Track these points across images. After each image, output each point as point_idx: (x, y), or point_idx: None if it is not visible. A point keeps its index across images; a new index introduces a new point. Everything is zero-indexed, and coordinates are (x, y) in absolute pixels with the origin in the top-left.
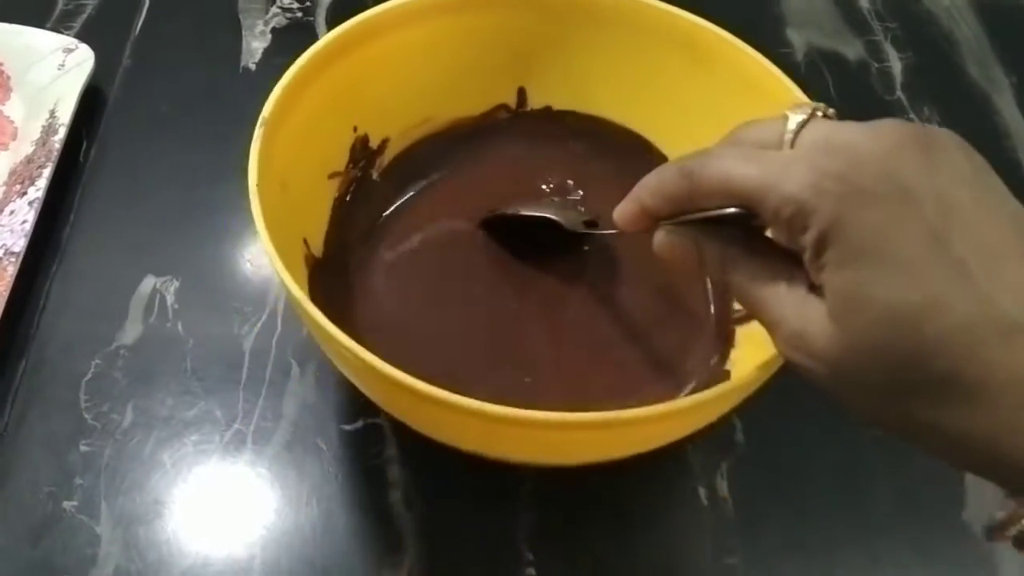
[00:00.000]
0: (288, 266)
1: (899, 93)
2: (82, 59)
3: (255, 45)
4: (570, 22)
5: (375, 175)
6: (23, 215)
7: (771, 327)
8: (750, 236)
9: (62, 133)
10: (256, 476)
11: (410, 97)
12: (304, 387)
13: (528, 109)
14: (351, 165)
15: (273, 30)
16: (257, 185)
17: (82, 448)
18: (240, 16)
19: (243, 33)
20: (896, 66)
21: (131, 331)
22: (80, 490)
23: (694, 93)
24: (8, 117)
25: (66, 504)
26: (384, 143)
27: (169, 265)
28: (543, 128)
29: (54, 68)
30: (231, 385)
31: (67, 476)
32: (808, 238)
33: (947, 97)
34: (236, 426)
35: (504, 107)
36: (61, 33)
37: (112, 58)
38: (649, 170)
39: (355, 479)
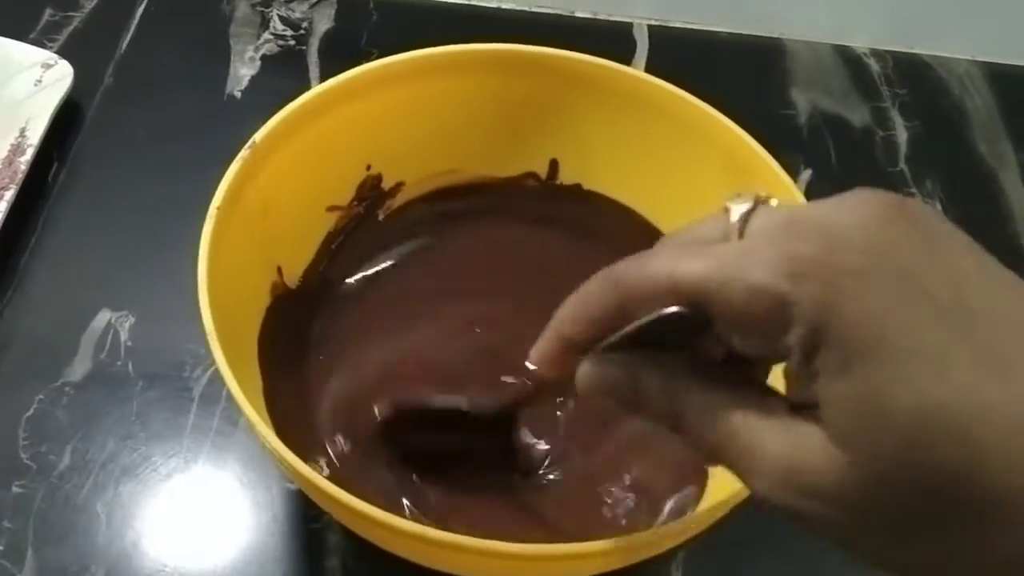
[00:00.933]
0: (246, 297)
1: (902, 165)
2: (60, 76)
3: (243, 72)
4: (609, 102)
5: (381, 216)
6: None
7: (745, 468)
8: (698, 360)
9: (29, 154)
10: (194, 528)
11: (435, 145)
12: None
13: (558, 182)
14: (355, 202)
15: (263, 57)
16: (218, 208)
17: (14, 489)
18: (231, 40)
19: (232, 58)
20: (902, 135)
21: (79, 367)
22: (7, 534)
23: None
24: None
25: None
26: (398, 186)
27: (127, 300)
28: (565, 206)
29: (30, 84)
30: (176, 432)
31: None
32: (792, 338)
33: (952, 172)
34: (176, 476)
35: (533, 175)
36: (43, 46)
37: (94, 74)
38: None
39: (294, 541)
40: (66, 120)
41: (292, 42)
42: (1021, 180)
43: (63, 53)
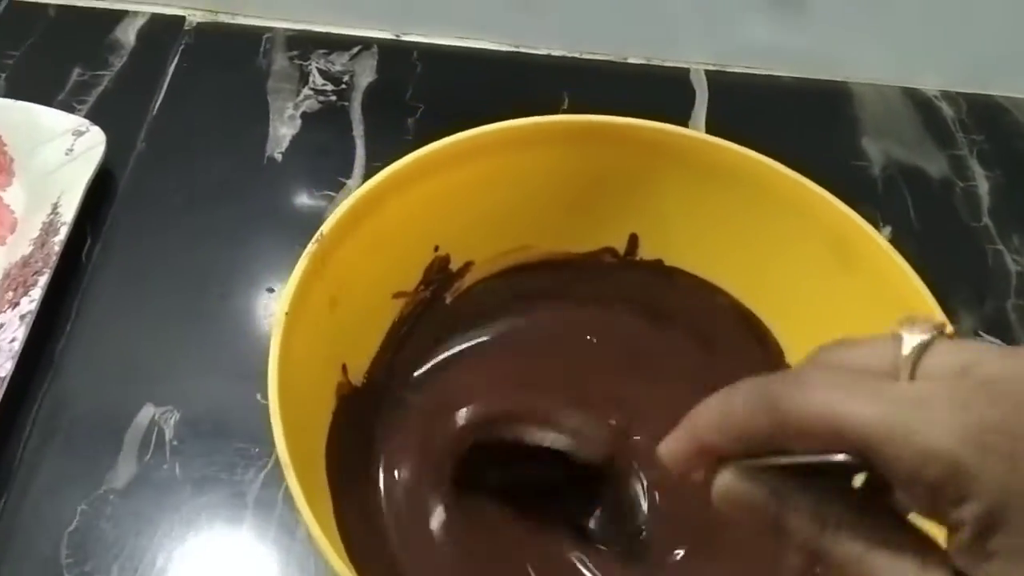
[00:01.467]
0: (312, 403)
1: (986, 219)
2: (93, 143)
3: (283, 131)
4: (695, 174)
5: (448, 299)
6: (13, 331)
7: None
8: (850, 492)
9: (63, 233)
10: None
11: (506, 221)
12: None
13: (638, 258)
14: (422, 286)
15: (303, 115)
16: (287, 314)
17: None
18: (269, 97)
19: (271, 117)
20: (983, 186)
21: (123, 471)
22: None
23: (832, 291)
24: (8, 206)
25: None
26: (467, 266)
27: (171, 392)
28: (645, 283)
29: (61, 152)
30: (231, 543)
31: None
32: (967, 513)
33: None
34: None
35: (611, 251)
36: (72, 109)
37: (126, 139)
38: (755, 369)
39: None
40: (98, 190)
41: (333, 97)
42: None
43: (93, 117)
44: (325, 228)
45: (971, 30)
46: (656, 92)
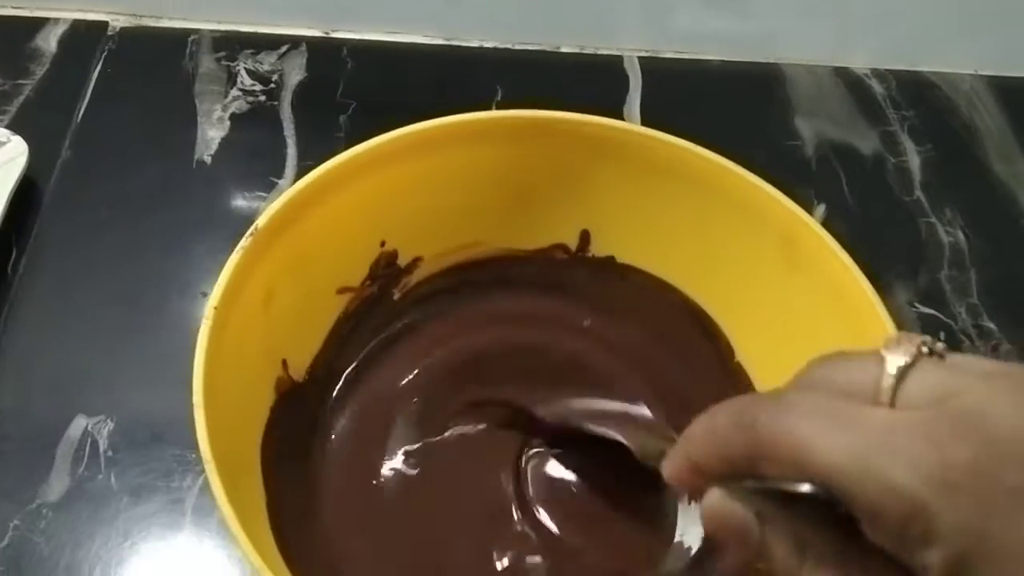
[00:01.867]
0: (247, 400)
1: (918, 193)
2: (14, 154)
3: (212, 134)
4: (642, 170)
5: (396, 295)
6: None
7: None
8: (835, 521)
9: None
10: None
11: (455, 217)
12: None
13: (589, 255)
14: (368, 281)
15: (232, 116)
16: (215, 308)
17: None
18: (196, 100)
19: (199, 120)
20: (914, 161)
21: (56, 485)
22: None
23: (780, 288)
24: None
25: None
26: (415, 262)
27: (103, 402)
28: (597, 279)
29: None
30: (171, 552)
31: None
32: (932, 558)
33: (970, 198)
34: None
35: (563, 247)
36: None
37: (50, 149)
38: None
39: None
40: (23, 201)
41: (263, 97)
42: None
43: (14, 127)
44: (260, 222)
45: (899, 7)
46: (590, 80)
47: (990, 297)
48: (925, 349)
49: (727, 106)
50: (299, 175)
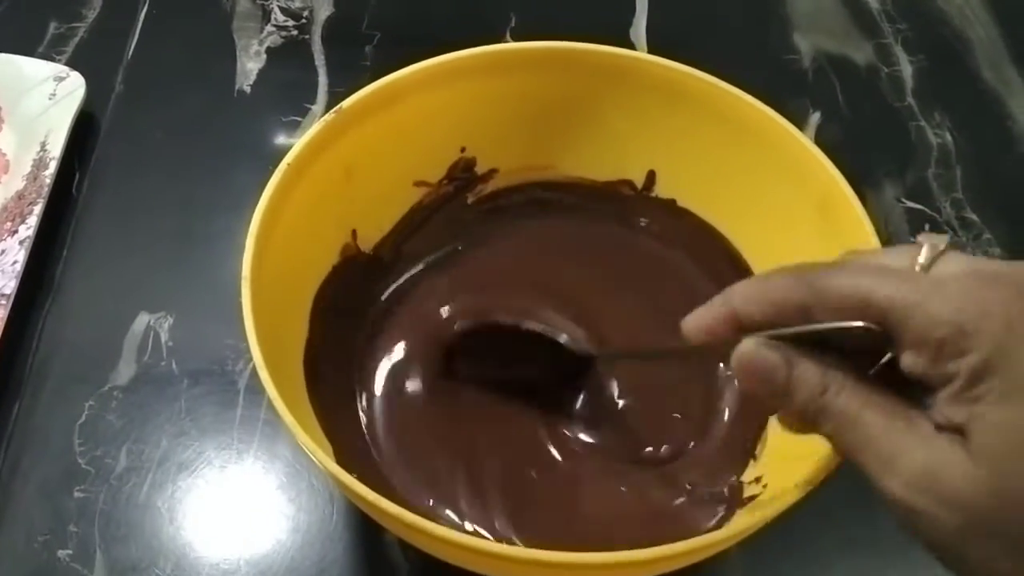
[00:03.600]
0: (310, 256)
1: (909, 99)
2: (73, 88)
3: (250, 66)
4: (716, 123)
5: (470, 199)
6: (14, 255)
7: (884, 466)
8: (856, 365)
9: (52, 167)
10: (253, 517)
11: (532, 139)
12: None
13: (653, 195)
14: (445, 180)
15: (268, 50)
16: (289, 164)
17: (76, 495)
18: (235, 35)
19: (238, 54)
20: (906, 70)
21: (124, 371)
22: (75, 538)
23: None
24: (0, 149)
25: (60, 553)
26: (491, 172)
27: (163, 301)
28: (657, 219)
29: (45, 98)
30: (226, 426)
31: (61, 524)
32: (964, 364)
33: (959, 103)
34: (231, 468)
35: (630, 184)
36: (52, 59)
37: (105, 83)
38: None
39: (352, 518)
40: (83, 130)
41: (295, 32)
42: None
43: (72, 64)
44: (345, 104)
45: None
46: (599, 7)
47: (973, 192)
48: (955, 244)
49: (729, 24)
50: (331, 102)
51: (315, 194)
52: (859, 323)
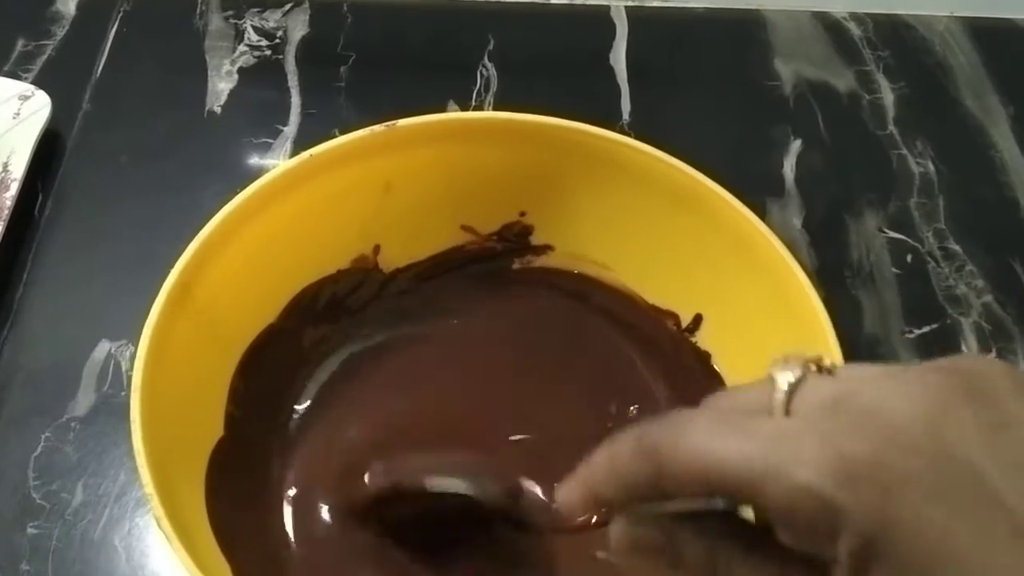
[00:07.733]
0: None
1: (891, 127)
2: (38, 107)
3: (221, 86)
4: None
5: (516, 264)
6: None
7: None
8: (740, 528)
9: (14, 189)
10: None
11: (596, 234)
12: None
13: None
14: (495, 236)
15: (240, 70)
16: (312, 155)
17: (29, 531)
18: (206, 55)
19: (209, 74)
20: (888, 97)
21: (83, 401)
22: None
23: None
24: None
25: None
26: (546, 247)
27: (125, 329)
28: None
29: (9, 117)
30: None
31: (13, 561)
32: (842, 549)
33: (941, 131)
34: None
35: (674, 317)
36: (19, 77)
37: (72, 102)
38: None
39: None
40: (48, 151)
41: (268, 52)
42: (1011, 132)
43: (39, 83)
44: (401, 121)
45: None
46: (578, 30)
47: (956, 222)
48: (813, 367)
49: (710, 50)
50: (302, 123)
51: (343, 192)
52: (718, 502)
